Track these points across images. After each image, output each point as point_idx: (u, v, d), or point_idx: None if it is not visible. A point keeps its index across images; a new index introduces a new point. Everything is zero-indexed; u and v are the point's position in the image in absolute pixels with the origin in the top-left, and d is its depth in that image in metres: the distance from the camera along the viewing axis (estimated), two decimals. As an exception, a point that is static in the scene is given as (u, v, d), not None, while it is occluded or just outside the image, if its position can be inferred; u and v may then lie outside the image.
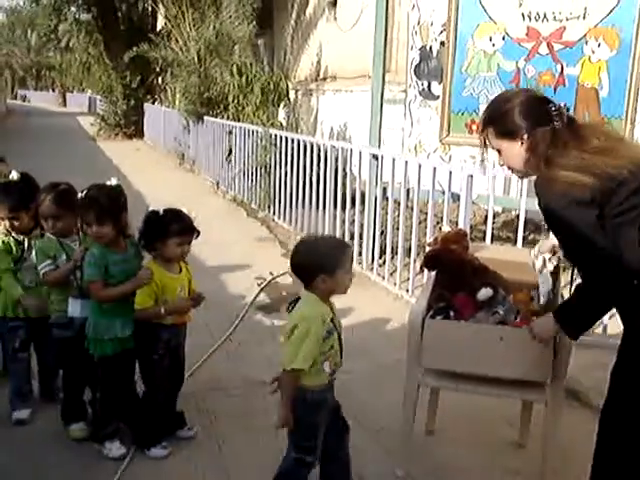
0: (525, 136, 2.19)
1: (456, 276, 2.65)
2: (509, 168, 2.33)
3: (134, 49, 15.16)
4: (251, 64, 10.28)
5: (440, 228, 3.19)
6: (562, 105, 2.23)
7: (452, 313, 2.58)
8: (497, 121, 2.27)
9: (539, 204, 2.16)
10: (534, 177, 2.22)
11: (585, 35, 5.30)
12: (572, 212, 2.05)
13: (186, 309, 2.99)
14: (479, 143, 2.38)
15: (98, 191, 2.85)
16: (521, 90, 2.45)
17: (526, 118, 2.19)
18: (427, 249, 2.93)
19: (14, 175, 3.17)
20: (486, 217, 4.82)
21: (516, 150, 2.23)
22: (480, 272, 2.71)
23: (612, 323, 3.64)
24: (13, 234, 3.12)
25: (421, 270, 3.97)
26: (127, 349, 2.89)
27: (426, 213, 4.96)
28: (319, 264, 2.32)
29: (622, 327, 2.19)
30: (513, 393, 2.68)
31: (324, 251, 2.38)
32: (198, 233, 2.95)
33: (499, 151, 2.30)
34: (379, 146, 5.84)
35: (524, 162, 2.23)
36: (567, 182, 2.02)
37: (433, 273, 2.83)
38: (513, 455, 3.04)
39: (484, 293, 2.60)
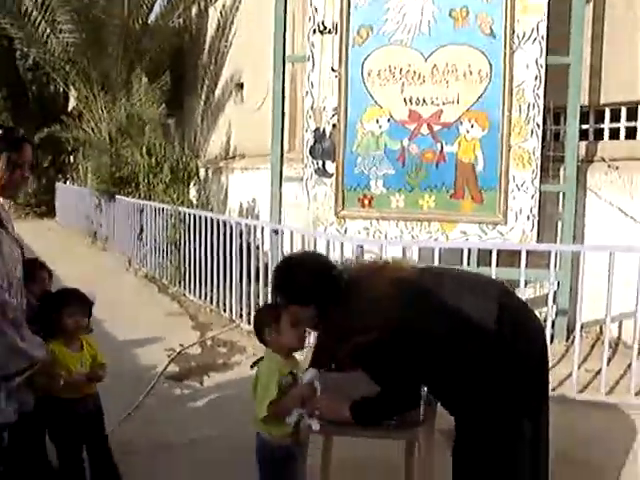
0: (313, 305, 2.51)
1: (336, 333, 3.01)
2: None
3: (45, 130, 15.30)
4: (160, 144, 10.62)
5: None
6: (343, 269, 2.59)
7: (332, 366, 2.92)
8: (287, 291, 2.60)
9: (351, 351, 2.47)
10: None
11: (460, 117, 5.94)
12: (377, 354, 2.42)
13: (81, 384, 3.11)
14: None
15: None
16: (308, 259, 2.76)
17: (314, 289, 2.50)
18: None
19: None
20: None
21: (306, 314, 2.56)
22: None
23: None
24: None
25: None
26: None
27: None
28: (264, 317, 2.77)
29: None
30: (392, 434, 2.98)
31: (266, 307, 2.90)
32: (91, 305, 3.16)
33: (292, 312, 2.62)
34: (279, 221, 6.25)
35: (308, 324, 2.63)
36: (365, 343, 2.35)
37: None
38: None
39: None
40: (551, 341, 5.25)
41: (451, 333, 2.39)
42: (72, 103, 17.78)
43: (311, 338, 3.55)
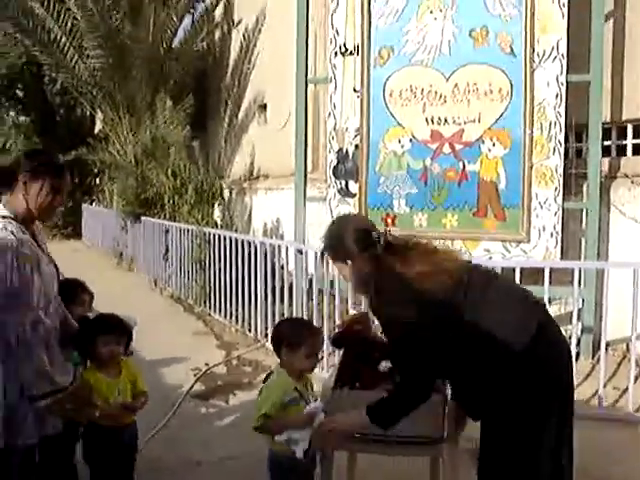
0: (349, 261, 2.63)
1: (359, 352, 3.05)
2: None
3: (72, 152, 15.56)
4: (185, 166, 10.77)
5: (347, 312, 3.61)
6: (382, 232, 2.65)
7: (357, 384, 2.97)
8: (332, 248, 2.73)
9: (380, 323, 2.60)
10: None
11: (481, 136, 5.98)
12: (406, 335, 2.47)
13: (119, 415, 3.06)
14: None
15: None
16: (351, 221, 2.90)
17: (353, 245, 2.61)
18: (336, 330, 3.34)
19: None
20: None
21: (347, 271, 2.69)
22: (381, 348, 3.11)
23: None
24: None
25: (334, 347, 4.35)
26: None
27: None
28: (284, 337, 2.81)
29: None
30: (415, 451, 3.00)
31: (290, 326, 2.93)
32: (129, 331, 3.14)
33: (338, 269, 2.76)
34: (303, 241, 6.31)
35: (355, 282, 2.68)
36: (399, 315, 2.43)
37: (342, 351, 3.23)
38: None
39: (384, 365, 3.01)
40: (577, 359, 5.24)
41: (484, 338, 2.42)
42: (98, 126, 18.08)
43: (336, 357, 3.60)
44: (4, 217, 2.61)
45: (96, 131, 18.49)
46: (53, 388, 2.58)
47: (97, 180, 19.79)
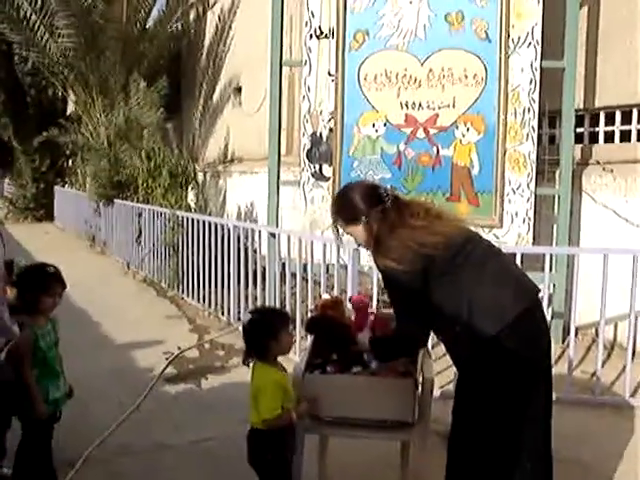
0: (363, 218, 2.66)
1: (332, 336, 3.05)
2: (360, 246, 2.86)
3: (44, 134, 15.33)
4: (159, 148, 10.65)
5: (320, 296, 3.59)
6: (388, 187, 2.79)
7: (329, 368, 2.97)
8: (342, 212, 2.78)
9: (379, 270, 2.69)
10: None
11: (456, 121, 5.98)
12: (400, 279, 2.57)
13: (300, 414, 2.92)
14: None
15: None
16: (356, 184, 2.93)
17: (362, 202, 2.68)
18: (309, 315, 3.34)
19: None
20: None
21: (358, 233, 2.72)
22: (354, 333, 3.12)
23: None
24: None
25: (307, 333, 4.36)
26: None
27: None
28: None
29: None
30: (386, 435, 3.02)
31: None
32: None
33: (351, 234, 2.78)
34: (277, 225, 6.28)
35: (365, 240, 2.72)
36: (393, 259, 2.53)
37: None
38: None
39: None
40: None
41: (465, 307, 2.50)
42: (71, 107, 17.80)
43: (308, 341, 3.59)
44: None
45: (68, 112, 18.20)
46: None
47: (69, 162, 19.48)
